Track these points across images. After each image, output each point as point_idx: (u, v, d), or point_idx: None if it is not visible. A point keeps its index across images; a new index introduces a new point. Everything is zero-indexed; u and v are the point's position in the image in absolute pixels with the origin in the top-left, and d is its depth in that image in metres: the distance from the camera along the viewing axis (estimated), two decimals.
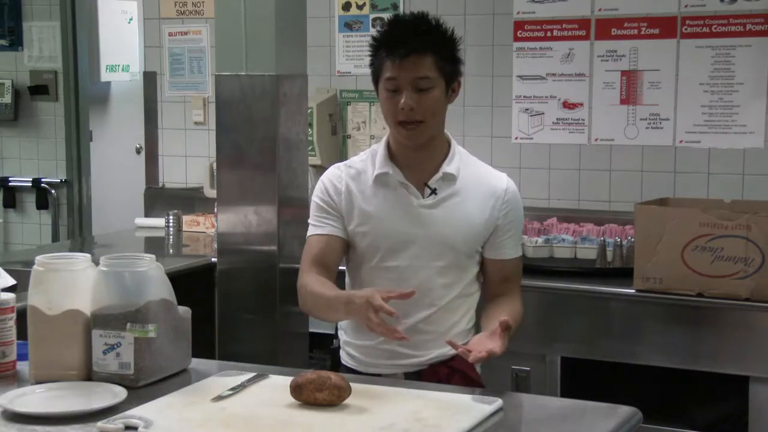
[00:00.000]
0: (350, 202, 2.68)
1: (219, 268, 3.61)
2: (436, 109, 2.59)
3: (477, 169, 2.72)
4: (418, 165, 2.66)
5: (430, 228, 2.63)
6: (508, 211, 2.68)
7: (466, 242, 2.64)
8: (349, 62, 4.59)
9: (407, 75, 2.54)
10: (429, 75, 2.55)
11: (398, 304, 2.60)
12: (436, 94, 2.58)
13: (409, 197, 2.64)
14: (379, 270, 2.67)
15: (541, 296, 3.54)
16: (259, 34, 3.43)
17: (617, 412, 2.14)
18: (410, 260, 2.63)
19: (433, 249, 2.62)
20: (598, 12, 4.15)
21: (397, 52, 2.53)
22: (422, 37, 2.56)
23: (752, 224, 3.21)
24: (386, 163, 2.66)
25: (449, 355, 2.63)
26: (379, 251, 2.65)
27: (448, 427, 1.99)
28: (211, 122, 4.57)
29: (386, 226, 2.64)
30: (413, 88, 2.54)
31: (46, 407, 2.07)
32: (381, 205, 2.65)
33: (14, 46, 5.63)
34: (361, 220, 2.66)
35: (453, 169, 2.65)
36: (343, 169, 2.73)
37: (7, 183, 5.71)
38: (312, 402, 2.09)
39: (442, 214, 2.63)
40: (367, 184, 2.68)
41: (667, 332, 3.37)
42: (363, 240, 2.67)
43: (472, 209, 2.65)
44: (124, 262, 2.30)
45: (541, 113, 4.25)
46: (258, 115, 3.47)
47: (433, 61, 2.56)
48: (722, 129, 3.98)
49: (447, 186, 2.65)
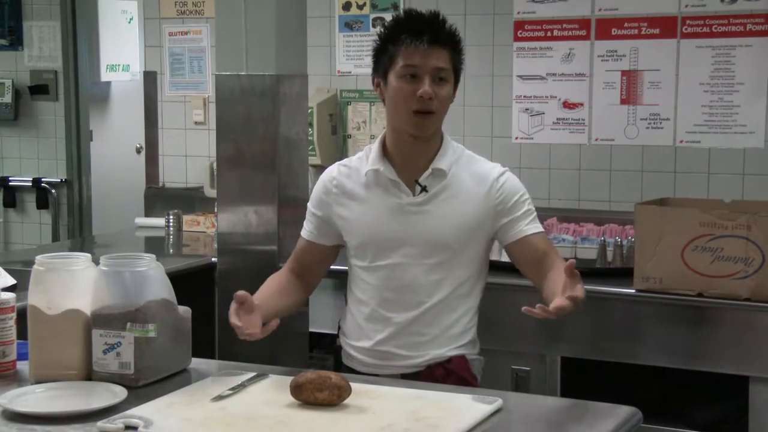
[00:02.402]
0: (341, 202, 2.69)
1: (219, 268, 3.61)
2: (446, 103, 2.62)
3: (470, 163, 2.70)
4: (411, 161, 2.65)
5: (419, 226, 2.62)
6: (505, 195, 2.65)
7: (457, 239, 2.63)
8: (349, 62, 4.59)
9: (429, 63, 2.55)
10: (447, 67, 2.58)
11: (387, 302, 2.62)
12: (449, 88, 2.61)
13: (400, 195, 2.64)
14: (370, 269, 2.68)
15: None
16: (259, 34, 3.43)
17: (617, 412, 2.14)
18: (401, 258, 2.64)
19: (422, 247, 2.62)
20: (598, 12, 4.15)
21: (421, 38, 2.54)
22: (443, 30, 2.59)
23: (752, 224, 3.20)
24: (379, 159, 2.66)
25: (446, 357, 2.64)
26: (370, 250, 2.67)
27: (448, 427, 1.99)
28: (212, 122, 4.58)
29: (375, 226, 2.65)
30: (432, 78, 2.56)
31: (46, 407, 2.07)
32: (371, 204, 2.66)
33: (14, 45, 5.62)
34: (351, 219, 2.68)
35: (443, 164, 2.64)
36: (337, 168, 2.75)
37: (7, 183, 5.71)
38: (312, 402, 2.09)
39: (432, 211, 2.63)
40: (360, 181, 2.68)
41: (667, 332, 3.37)
42: (354, 239, 2.69)
43: (464, 204, 2.63)
44: (124, 261, 2.30)
45: (542, 113, 4.25)
46: (258, 115, 3.47)
47: (450, 55, 2.59)
48: (722, 129, 3.98)
49: (438, 182, 2.64)
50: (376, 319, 2.67)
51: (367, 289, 2.69)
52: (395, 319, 2.63)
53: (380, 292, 2.67)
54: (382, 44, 2.63)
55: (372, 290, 2.68)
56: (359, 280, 2.71)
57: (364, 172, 2.68)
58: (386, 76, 2.61)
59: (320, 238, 2.75)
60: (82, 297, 2.26)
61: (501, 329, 3.39)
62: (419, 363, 2.64)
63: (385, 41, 2.62)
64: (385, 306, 2.66)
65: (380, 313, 2.66)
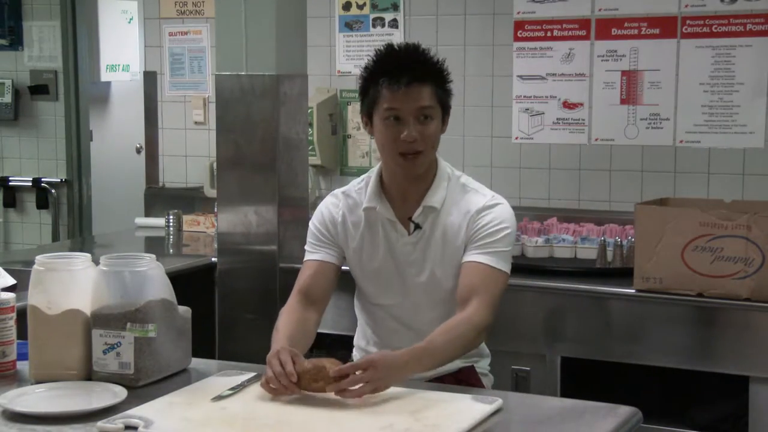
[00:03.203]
0: (345, 236, 2.65)
1: (219, 268, 3.62)
2: (435, 140, 2.54)
3: (463, 194, 2.61)
4: (406, 197, 2.60)
5: (414, 267, 2.59)
6: (481, 225, 2.53)
7: (453, 276, 2.56)
8: (349, 62, 4.59)
9: (410, 105, 2.47)
10: (431, 104, 2.50)
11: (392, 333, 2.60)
12: (436, 124, 2.52)
13: (395, 235, 2.60)
14: (372, 306, 2.69)
15: (541, 296, 3.53)
16: (259, 34, 3.43)
17: (617, 412, 2.14)
18: (399, 298, 2.62)
19: (419, 287, 2.60)
20: (598, 12, 4.15)
21: (399, 80, 2.46)
22: (422, 67, 2.50)
23: (752, 224, 3.20)
24: (375, 197, 2.61)
25: (455, 368, 2.63)
26: (369, 289, 2.67)
27: (448, 427, 1.99)
28: (212, 122, 4.57)
29: (373, 267, 2.63)
30: (415, 118, 2.48)
31: (46, 407, 2.07)
32: (368, 244, 2.62)
33: (14, 45, 5.62)
34: (353, 257, 2.66)
35: (434, 201, 2.57)
36: (341, 198, 2.68)
37: (7, 183, 5.70)
38: (309, 391, 2.13)
39: (425, 251, 2.58)
40: (360, 217, 2.64)
41: (667, 332, 3.37)
42: (357, 276, 2.69)
43: (452, 240, 2.57)
44: (124, 261, 2.30)
45: (542, 113, 4.25)
46: (258, 115, 3.47)
47: (433, 90, 2.50)
48: (722, 129, 3.98)
49: (431, 219, 2.58)
50: (384, 345, 2.64)
51: (373, 320, 2.71)
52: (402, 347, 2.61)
53: (385, 323, 2.68)
54: (365, 85, 2.56)
55: (377, 321, 2.70)
56: (364, 315, 2.72)
57: (362, 207, 2.64)
58: (371, 116, 2.56)
59: (330, 258, 2.66)
60: (82, 297, 2.26)
61: (501, 329, 3.37)
62: (429, 376, 2.59)
63: (367, 82, 2.55)
64: (391, 336, 2.65)
65: (387, 341, 2.65)
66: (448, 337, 2.38)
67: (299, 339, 2.46)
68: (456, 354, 2.45)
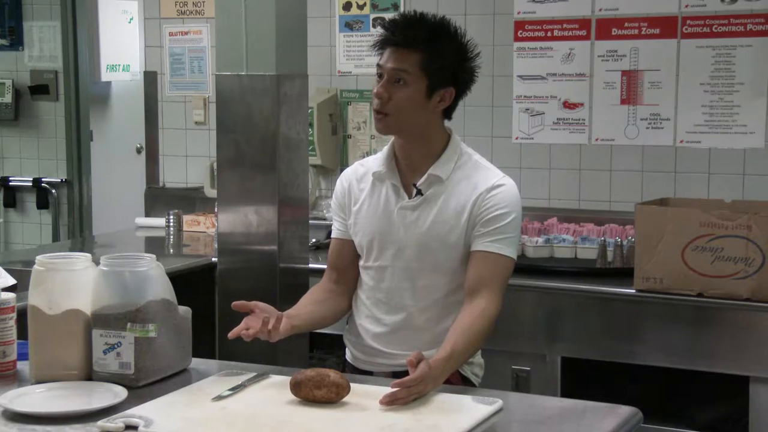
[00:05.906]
0: (350, 201, 2.72)
1: (219, 268, 3.61)
2: (404, 106, 2.55)
3: (474, 170, 2.63)
4: (413, 164, 2.64)
5: (407, 230, 2.61)
6: (489, 206, 2.55)
7: (443, 244, 2.58)
8: (349, 62, 4.59)
9: (389, 65, 2.55)
10: (408, 70, 2.54)
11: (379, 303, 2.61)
12: (410, 91, 2.54)
13: (397, 198, 2.63)
14: (365, 269, 2.70)
15: (541, 296, 3.54)
16: (259, 34, 3.43)
17: (617, 412, 2.14)
18: (388, 261, 2.63)
19: (409, 251, 2.61)
20: (598, 12, 4.15)
21: (385, 42, 2.58)
22: (410, 33, 2.55)
23: (752, 224, 3.21)
24: (385, 162, 2.66)
25: None
26: (363, 250, 2.69)
27: (448, 427, 1.99)
28: (212, 122, 4.57)
29: (370, 225, 2.66)
30: (390, 79, 2.55)
31: (47, 407, 2.07)
32: (369, 205, 2.67)
33: (15, 45, 5.63)
34: (356, 217, 2.69)
35: (441, 171, 2.60)
36: (354, 167, 2.77)
37: (7, 183, 5.71)
38: (311, 399, 2.10)
39: (422, 215, 2.60)
40: (368, 182, 2.70)
41: (667, 332, 3.37)
42: (355, 238, 2.71)
43: (453, 212, 2.58)
44: (124, 261, 2.30)
45: (542, 113, 4.25)
46: (258, 114, 3.46)
47: (419, 58, 2.53)
48: (722, 129, 3.98)
49: (434, 187, 2.61)
50: (371, 318, 2.67)
51: (365, 289, 2.70)
52: (386, 321, 2.64)
53: (373, 293, 2.68)
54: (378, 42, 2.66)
55: (368, 290, 2.69)
56: (361, 279, 2.73)
57: (371, 172, 2.69)
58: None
59: (348, 234, 2.73)
60: (82, 297, 2.26)
61: (501, 329, 3.36)
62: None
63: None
64: (378, 307, 2.66)
65: (373, 313, 2.67)
66: (468, 337, 2.42)
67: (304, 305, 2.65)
68: (477, 349, 2.56)
